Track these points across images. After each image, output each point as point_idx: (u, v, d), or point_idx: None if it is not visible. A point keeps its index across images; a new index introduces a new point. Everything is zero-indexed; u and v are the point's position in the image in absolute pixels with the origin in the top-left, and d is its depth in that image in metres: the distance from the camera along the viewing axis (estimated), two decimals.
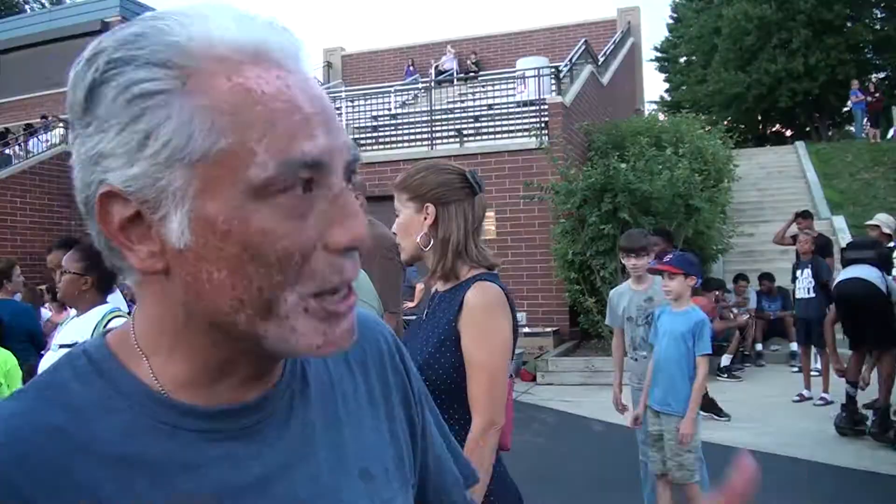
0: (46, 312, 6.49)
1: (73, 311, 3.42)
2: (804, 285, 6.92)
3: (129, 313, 2.69)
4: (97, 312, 2.74)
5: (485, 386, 1.65)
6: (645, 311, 3.90)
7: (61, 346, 2.70)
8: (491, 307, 1.69)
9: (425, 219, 1.75)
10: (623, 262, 4.09)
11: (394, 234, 1.83)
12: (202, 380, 0.58)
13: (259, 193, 0.51)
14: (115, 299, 3.19)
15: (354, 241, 0.55)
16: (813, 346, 7.06)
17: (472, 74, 17.49)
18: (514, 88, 13.40)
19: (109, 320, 2.67)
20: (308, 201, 0.53)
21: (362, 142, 12.78)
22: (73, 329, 2.76)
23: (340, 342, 0.56)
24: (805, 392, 6.97)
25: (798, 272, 6.99)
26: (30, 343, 4.78)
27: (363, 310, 0.81)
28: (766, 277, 9.60)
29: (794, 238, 8.48)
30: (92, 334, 2.63)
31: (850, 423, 5.57)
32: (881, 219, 6.95)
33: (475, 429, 1.63)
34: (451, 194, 1.75)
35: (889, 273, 5.64)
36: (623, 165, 8.94)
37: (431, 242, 1.76)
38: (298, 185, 0.52)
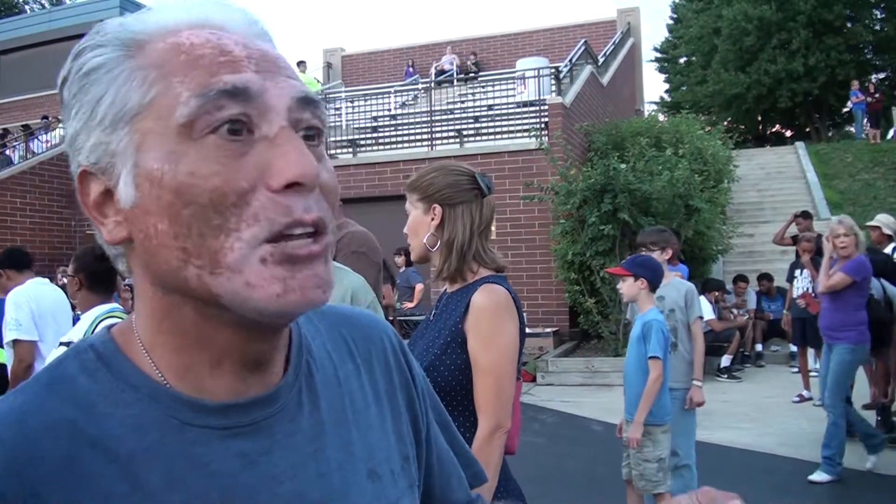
0: None
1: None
2: (802, 285, 6.92)
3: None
4: (93, 313, 2.75)
5: (492, 389, 1.63)
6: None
7: (61, 344, 2.73)
8: (498, 310, 1.68)
9: (432, 219, 1.76)
10: None
11: (405, 234, 1.83)
12: (197, 368, 0.57)
13: (187, 134, 0.52)
14: None
15: (296, 177, 0.52)
16: (810, 347, 7.07)
17: (472, 75, 17.49)
18: (513, 89, 13.40)
19: (101, 321, 2.67)
20: (244, 143, 0.53)
21: (362, 142, 12.79)
22: (76, 328, 2.79)
23: (304, 290, 0.53)
24: (805, 393, 6.97)
25: (797, 272, 6.99)
26: None
27: (366, 310, 0.80)
28: (765, 278, 9.60)
29: (794, 238, 8.48)
30: (84, 334, 2.65)
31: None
32: (881, 220, 6.94)
33: (482, 432, 1.61)
34: (458, 196, 1.75)
35: (891, 280, 5.57)
36: (623, 166, 8.94)
37: (438, 243, 1.76)
38: (226, 124, 0.52)
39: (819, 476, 4.56)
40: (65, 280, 8.23)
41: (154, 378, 0.57)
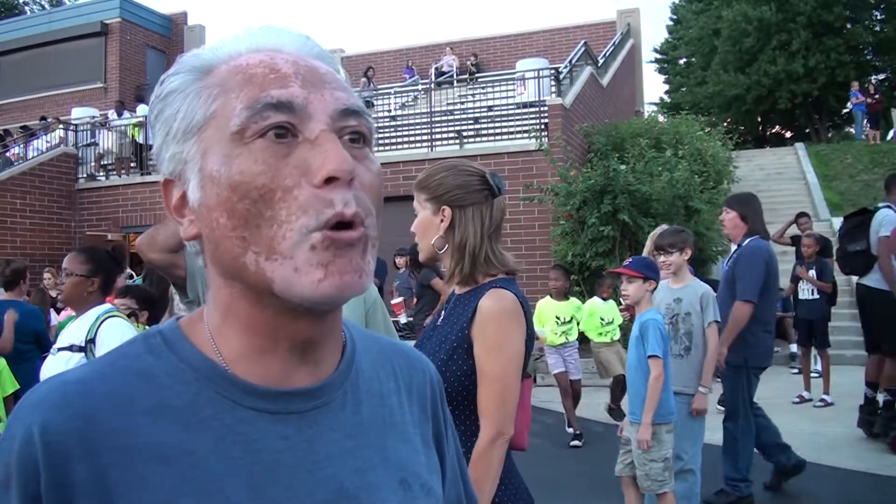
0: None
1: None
2: (808, 286, 6.94)
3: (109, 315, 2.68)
4: (93, 313, 2.70)
5: (495, 397, 1.61)
6: (672, 311, 3.83)
7: (60, 350, 2.66)
8: (505, 316, 1.64)
9: (441, 221, 1.71)
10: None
11: (412, 233, 1.78)
12: (252, 350, 0.64)
13: (239, 140, 0.60)
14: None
15: (332, 172, 0.59)
16: (814, 348, 7.07)
17: (471, 76, 17.49)
18: (513, 90, 13.41)
19: (104, 320, 2.63)
20: (286, 146, 0.60)
21: None
22: (72, 331, 2.71)
23: (342, 275, 0.59)
24: (805, 393, 6.97)
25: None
26: (35, 344, 4.81)
27: (415, 349, 0.86)
28: None
29: (793, 239, 8.50)
30: (87, 335, 2.60)
31: (867, 426, 5.48)
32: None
33: (483, 439, 1.59)
34: (468, 197, 1.71)
35: None
36: (623, 167, 8.95)
37: (447, 245, 1.72)
38: (272, 130, 0.60)
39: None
40: (48, 280, 8.16)
41: (214, 361, 0.64)
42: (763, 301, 4.19)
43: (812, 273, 6.92)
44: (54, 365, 2.62)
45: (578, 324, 6.32)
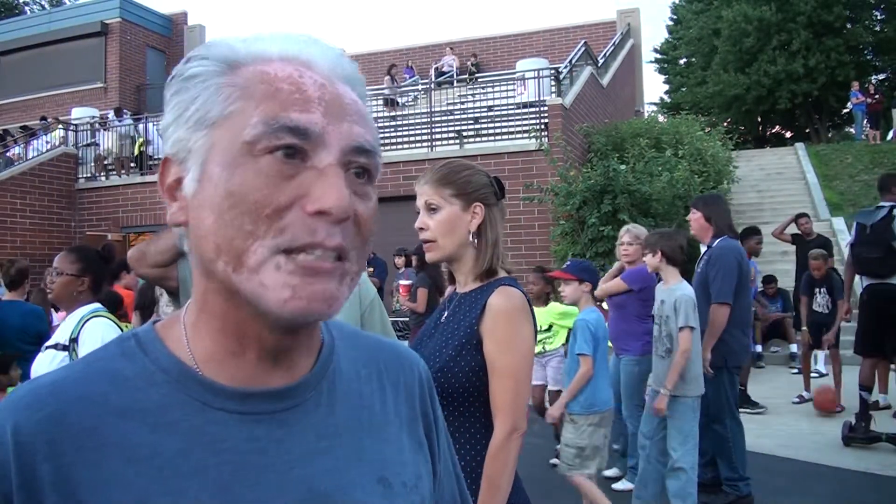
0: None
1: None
2: (822, 302, 7.02)
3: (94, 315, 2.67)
4: (80, 312, 2.69)
5: (510, 392, 1.62)
6: (659, 312, 3.88)
7: (47, 347, 2.68)
8: (515, 312, 1.67)
9: (472, 218, 1.74)
10: None
11: (420, 229, 1.78)
12: (224, 351, 0.65)
13: (248, 151, 0.60)
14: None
15: (328, 207, 0.59)
16: (815, 349, 7.10)
17: (471, 76, 17.48)
18: (513, 90, 13.41)
19: (89, 319, 2.62)
20: (293, 167, 0.60)
21: None
22: (60, 330, 2.72)
23: (309, 301, 0.59)
24: (805, 394, 6.96)
25: (816, 290, 7.08)
26: (37, 345, 4.80)
27: (406, 346, 0.85)
28: (770, 281, 9.56)
29: (794, 237, 8.51)
30: (71, 333, 2.60)
31: (864, 431, 5.39)
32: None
33: (499, 434, 1.61)
34: (491, 196, 1.76)
35: None
36: (623, 167, 8.95)
37: (476, 242, 1.74)
38: (282, 150, 0.60)
39: (623, 485, 4.56)
40: (49, 281, 8.16)
41: (186, 363, 0.64)
42: (738, 301, 4.20)
43: (824, 290, 6.98)
44: (41, 362, 2.64)
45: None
